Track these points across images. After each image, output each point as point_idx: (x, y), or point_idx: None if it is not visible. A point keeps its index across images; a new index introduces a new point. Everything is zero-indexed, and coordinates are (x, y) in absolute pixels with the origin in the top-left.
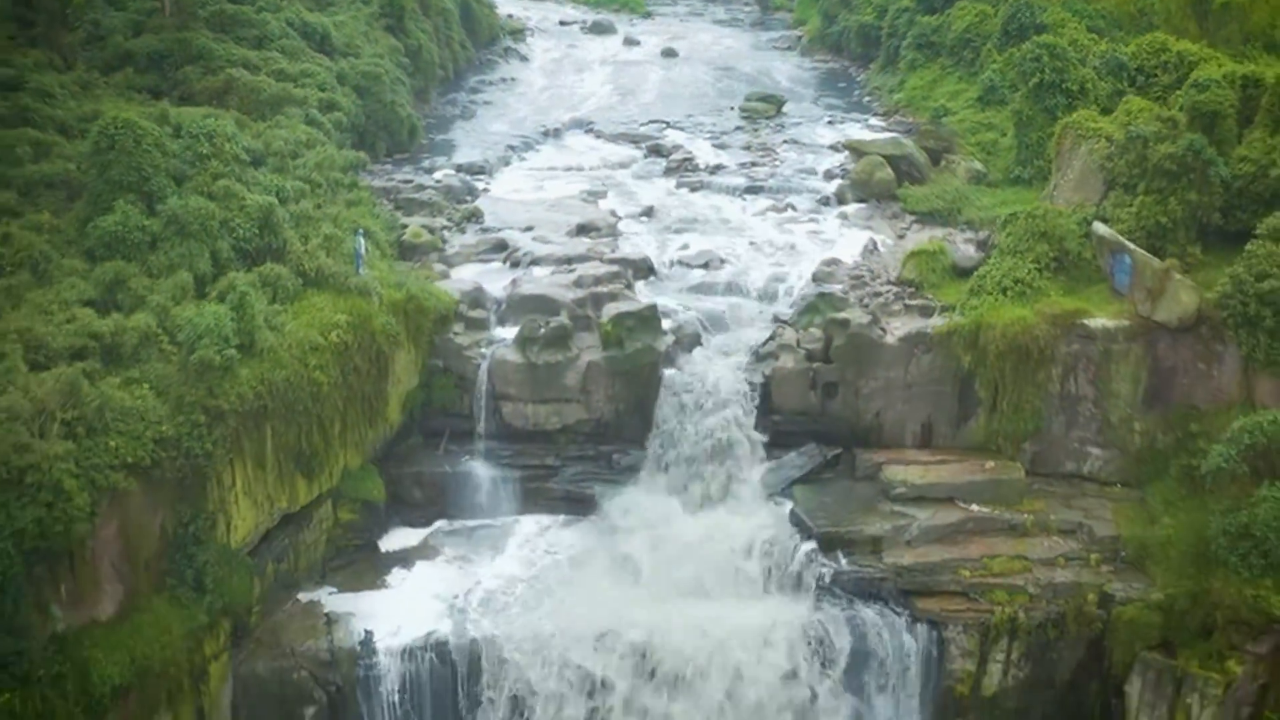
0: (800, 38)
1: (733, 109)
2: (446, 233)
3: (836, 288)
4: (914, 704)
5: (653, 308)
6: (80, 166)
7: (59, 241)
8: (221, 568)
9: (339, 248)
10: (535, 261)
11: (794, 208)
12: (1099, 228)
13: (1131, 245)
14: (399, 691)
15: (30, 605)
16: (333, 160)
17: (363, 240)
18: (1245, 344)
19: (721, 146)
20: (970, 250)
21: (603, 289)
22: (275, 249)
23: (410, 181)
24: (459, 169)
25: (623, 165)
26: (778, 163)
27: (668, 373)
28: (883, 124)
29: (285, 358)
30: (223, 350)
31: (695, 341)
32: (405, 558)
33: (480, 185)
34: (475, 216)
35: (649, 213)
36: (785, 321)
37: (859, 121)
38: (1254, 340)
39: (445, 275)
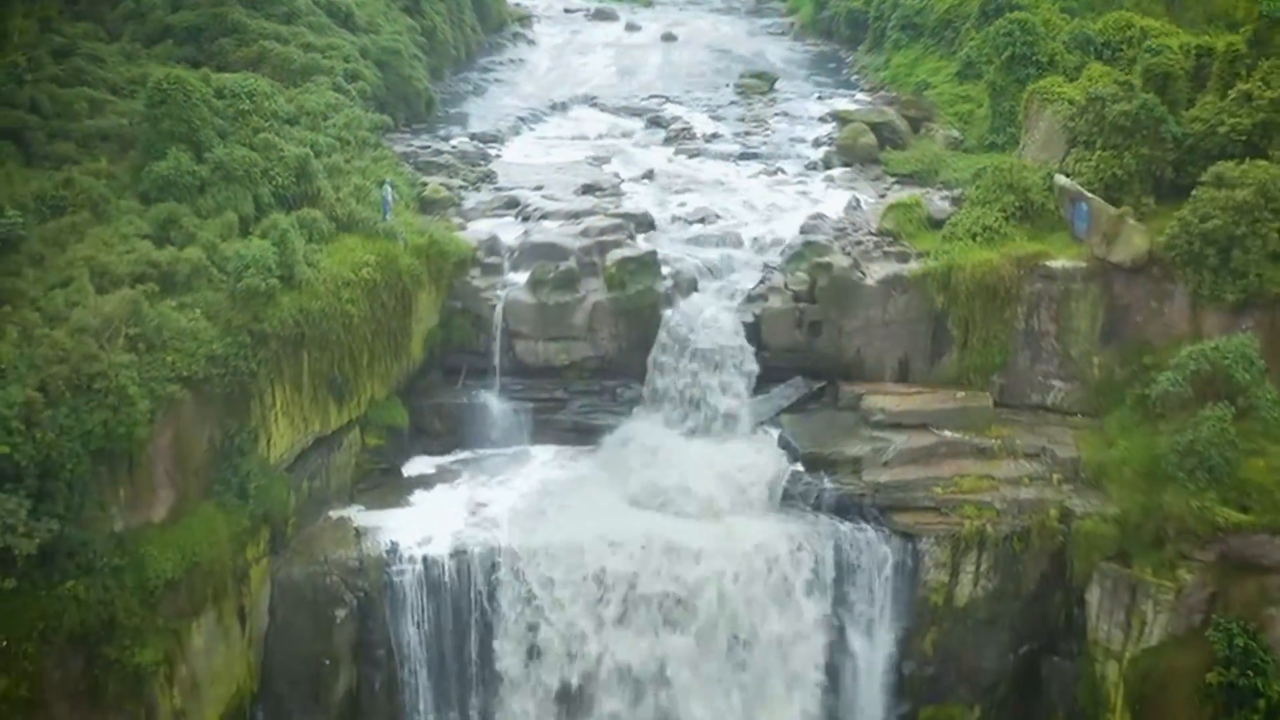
0: (793, 24)
1: (728, 86)
2: (463, 191)
3: (821, 238)
4: (893, 613)
5: (653, 253)
6: (132, 122)
7: (116, 186)
8: (262, 479)
9: (367, 196)
10: (545, 216)
11: (784, 171)
12: (1060, 179)
13: (1089, 194)
14: (421, 595)
15: (94, 503)
16: (359, 121)
17: (389, 189)
18: (1192, 281)
19: (717, 118)
20: (945, 205)
21: (607, 238)
22: (310, 196)
23: (428, 147)
24: (473, 137)
25: (625, 135)
26: (770, 132)
27: (667, 313)
28: (868, 99)
29: (321, 290)
30: (267, 279)
31: (692, 286)
32: (426, 481)
33: (493, 152)
34: (489, 178)
35: (649, 175)
36: (775, 268)
37: (846, 96)
38: (1199, 277)
39: (462, 228)
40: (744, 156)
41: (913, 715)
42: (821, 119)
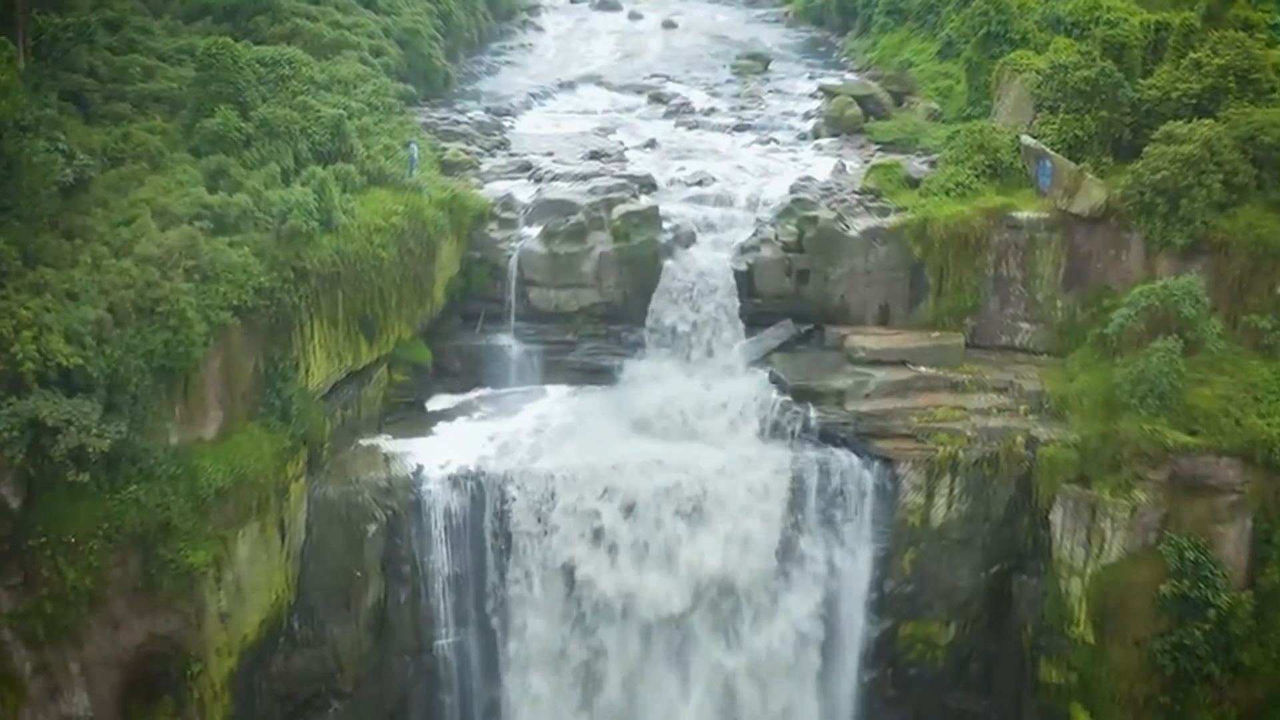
0: (786, 13)
1: (725, 67)
2: (480, 157)
3: (809, 196)
4: (874, 533)
5: (654, 208)
6: (181, 86)
7: (169, 141)
8: (302, 404)
9: (395, 154)
10: (555, 178)
11: (776, 141)
12: (1026, 139)
13: (1052, 153)
14: (443, 511)
15: (155, 416)
16: (386, 89)
17: (415, 148)
18: (1145, 229)
19: (715, 95)
20: (923, 167)
21: (613, 196)
22: (344, 152)
23: (446, 119)
24: (488, 110)
25: (628, 109)
26: (763, 107)
27: (667, 263)
28: (856, 78)
29: (355, 234)
30: (308, 221)
31: (691, 240)
32: (448, 415)
33: (506, 123)
34: (504, 145)
35: (651, 144)
36: (766, 223)
37: (835, 76)
38: (1151, 225)
39: (480, 187)
40: (739, 128)
41: (893, 631)
42: (812, 95)
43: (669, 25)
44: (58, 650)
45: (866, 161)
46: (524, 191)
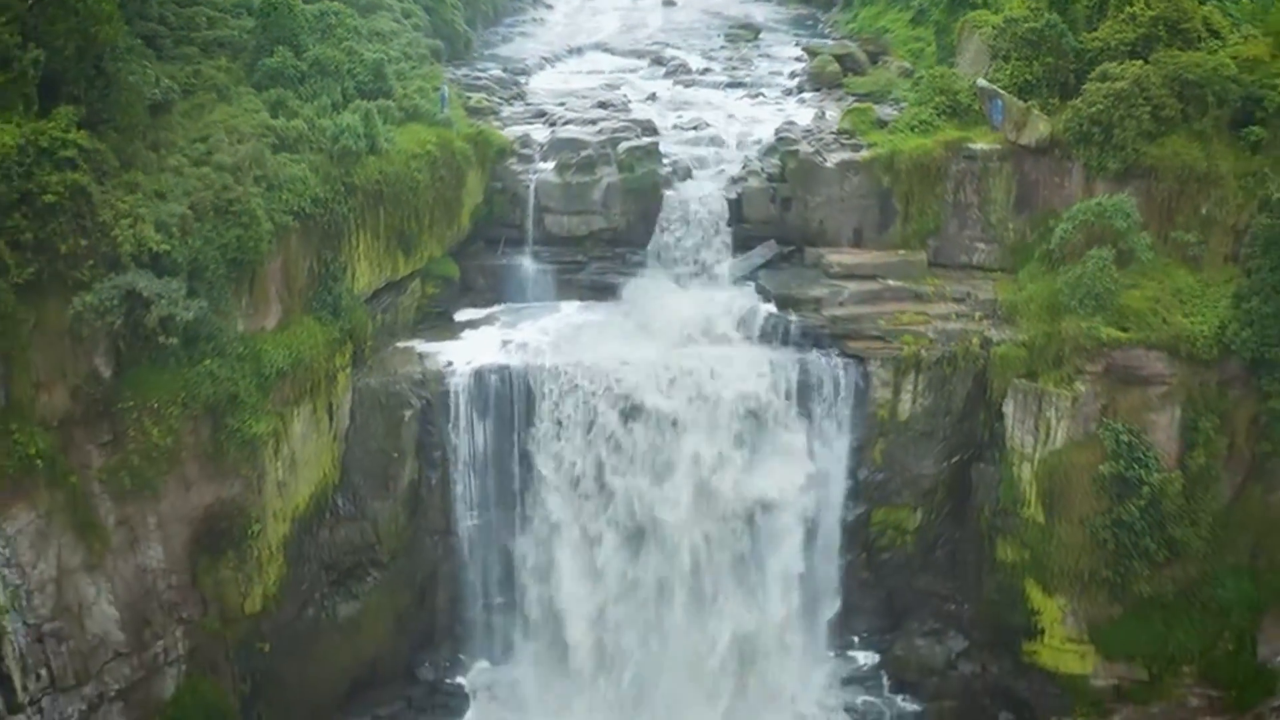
0: None
1: (719, 36)
2: (500, 105)
3: (791, 136)
4: (849, 426)
5: (655, 143)
6: (241, 33)
7: (234, 77)
8: (349, 303)
9: (428, 95)
10: (567, 122)
11: (764, 95)
12: (981, 82)
13: (1004, 92)
14: (469, 400)
15: (227, 302)
16: (418, 42)
17: (446, 89)
18: (1083, 156)
19: (710, 59)
20: (893, 112)
21: (619, 135)
22: (384, 90)
23: (469, 75)
24: (505, 69)
25: (631, 70)
26: (753, 68)
27: (667, 193)
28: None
29: (395, 158)
30: (357, 142)
31: (687, 173)
32: (473, 324)
33: (522, 80)
34: (521, 97)
35: (652, 98)
36: (754, 159)
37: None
38: (1089, 153)
39: (501, 129)
40: (731, 85)
41: (866, 516)
42: (797, 59)
43: (668, 3)
44: (138, 505)
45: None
46: (540, 133)
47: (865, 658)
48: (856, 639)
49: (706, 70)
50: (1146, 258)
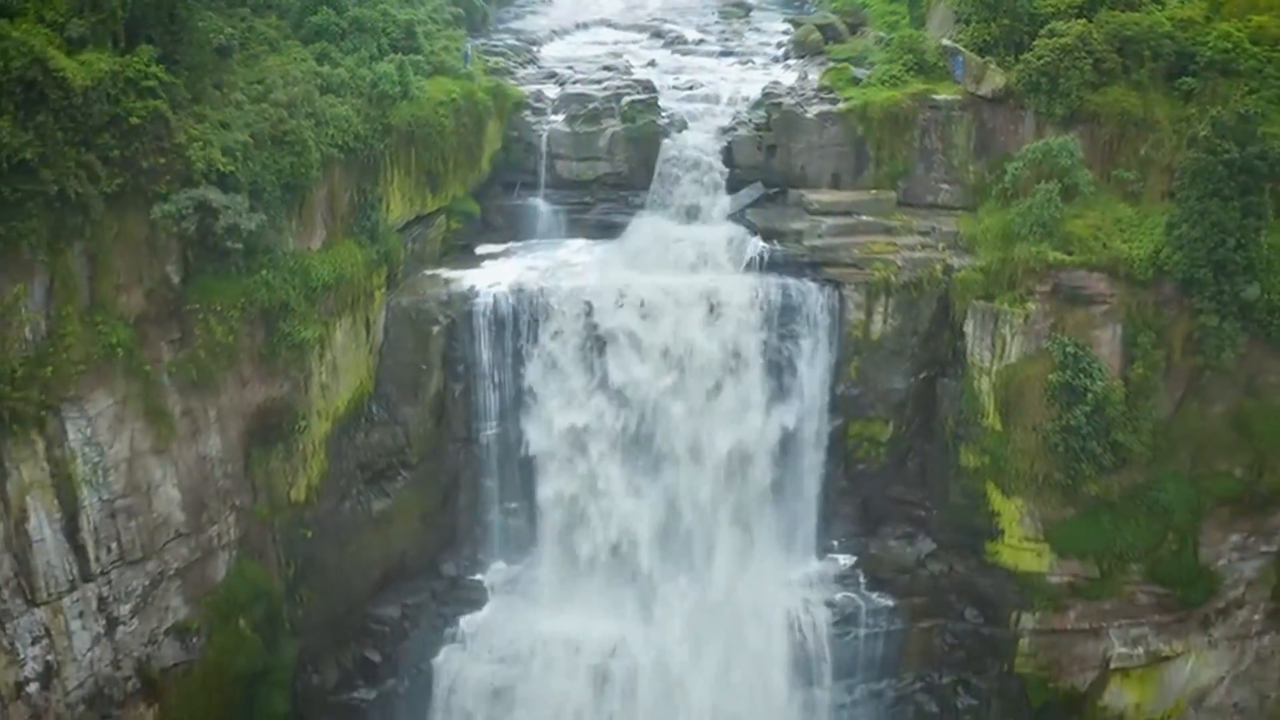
0: None
1: (713, 14)
2: (515, 68)
3: (777, 93)
4: (827, 345)
5: (655, 97)
6: None
7: (283, 33)
8: (384, 230)
9: (452, 52)
10: (576, 82)
11: (753, 62)
12: (945, 41)
13: (965, 50)
14: (490, 318)
15: (281, 220)
16: (443, 9)
17: (469, 46)
18: (1034, 104)
19: (704, 33)
20: (866, 72)
21: (622, 91)
22: (414, 47)
23: (487, 43)
24: (519, 39)
25: (633, 41)
26: (743, 40)
27: (665, 141)
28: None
29: (425, 104)
30: (392, 88)
31: (684, 125)
32: (492, 256)
33: (534, 49)
34: (534, 61)
35: (652, 63)
36: (742, 112)
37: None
38: (1039, 101)
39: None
40: (723, 54)
41: (844, 428)
42: (784, 32)
43: None
44: (201, 398)
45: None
46: (551, 90)
47: (844, 559)
48: (836, 543)
49: (701, 41)
50: (1089, 191)
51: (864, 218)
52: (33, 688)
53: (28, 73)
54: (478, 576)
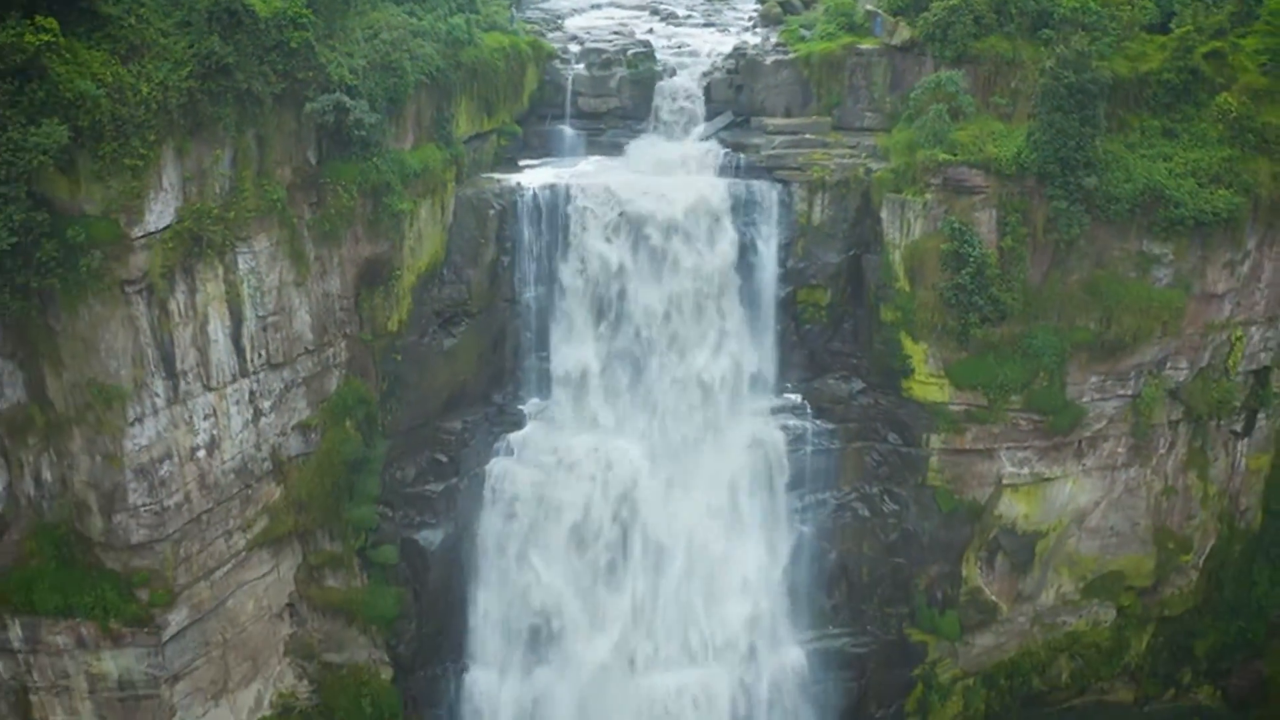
0: None
1: None
2: (545, 33)
3: (744, 48)
4: (779, 229)
5: (652, 51)
6: None
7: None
8: (455, 139)
9: (501, 14)
10: (593, 42)
11: (729, 30)
12: (869, 7)
13: (883, 12)
14: (532, 205)
15: (386, 125)
16: None
17: (514, 11)
18: (931, 51)
19: (692, 10)
20: (811, 32)
21: (627, 47)
22: (475, 9)
23: (520, 16)
24: (547, 14)
25: (635, 17)
26: (722, 15)
27: (659, 83)
28: None
29: (484, 50)
30: (461, 34)
31: (673, 72)
32: (531, 166)
33: (560, 20)
34: (559, 29)
35: (650, 31)
36: (717, 61)
37: None
38: (935, 47)
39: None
40: (706, 25)
41: (793, 295)
42: (754, 10)
43: None
44: (328, 247)
45: None
46: (574, 47)
47: (795, 396)
48: (789, 385)
49: (689, 16)
50: (970, 111)
51: (807, 136)
52: (201, 454)
53: (231, 5)
54: (519, 406)
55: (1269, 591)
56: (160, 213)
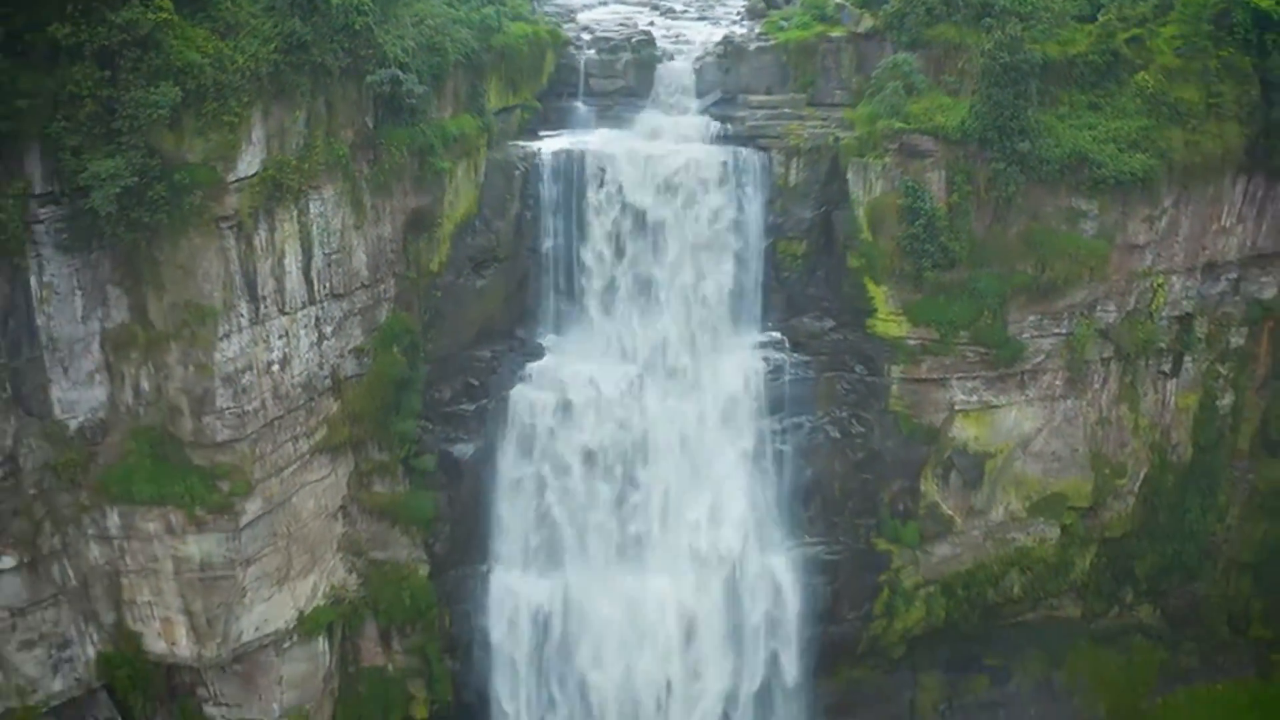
0: None
1: None
2: (560, 25)
3: (731, 37)
4: (762, 189)
5: (653, 39)
6: None
7: None
8: (486, 110)
9: (525, 6)
10: (602, 32)
11: (720, 23)
12: (838, 0)
13: (849, 5)
14: (551, 166)
15: (430, 96)
16: None
17: (536, 3)
18: (891, 38)
19: (688, 6)
20: (788, 23)
21: (632, 35)
22: (502, 1)
23: (538, 11)
24: (560, 9)
25: (638, 12)
26: (715, 11)
27: (659, 67)
28: None
29: (511, 35)
30: (492, 23)
31: (671, 57)
32: (550, 137)
33: (573, 14)
34: (572, 21)
35: (651, 24)
36: (708, 48)
37: None
38: (893, 34)
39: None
40: (700, 19)
41: (774, 245)
42: (742, 6)
43: None
44: (382, 199)
45: None
46: (586, 36)
47: (776, 334)
48: (770, 324)
49: (685, 11)
50: (923, 88)
51: (785, 110)
52: (275, 368)
53: None
54: (539, 340)
55: (1200, 518)
56: (249, 162)
